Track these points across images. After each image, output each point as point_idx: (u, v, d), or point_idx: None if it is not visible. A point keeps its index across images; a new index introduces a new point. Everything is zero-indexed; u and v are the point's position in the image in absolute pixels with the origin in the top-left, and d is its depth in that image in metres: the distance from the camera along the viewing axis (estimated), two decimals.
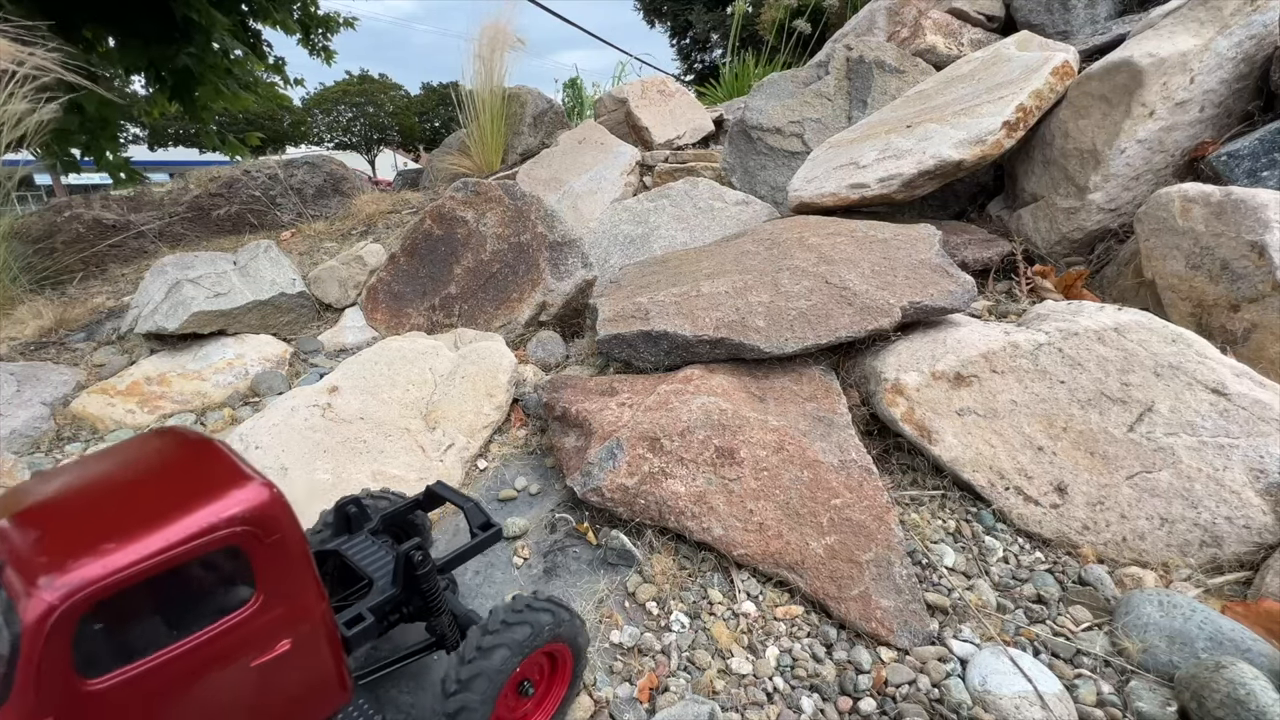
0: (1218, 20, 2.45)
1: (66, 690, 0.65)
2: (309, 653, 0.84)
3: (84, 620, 0.65)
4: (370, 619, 1.03)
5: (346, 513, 1.32)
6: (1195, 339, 1.81)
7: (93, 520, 0.72)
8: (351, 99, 32.95)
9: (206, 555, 0.72)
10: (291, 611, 0.81)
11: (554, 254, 3.27)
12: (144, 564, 0.67)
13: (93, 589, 0.64)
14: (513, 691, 1.11)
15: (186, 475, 0.80)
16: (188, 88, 5.59)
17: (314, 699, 0.89)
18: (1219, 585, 1.49)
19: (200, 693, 0.75)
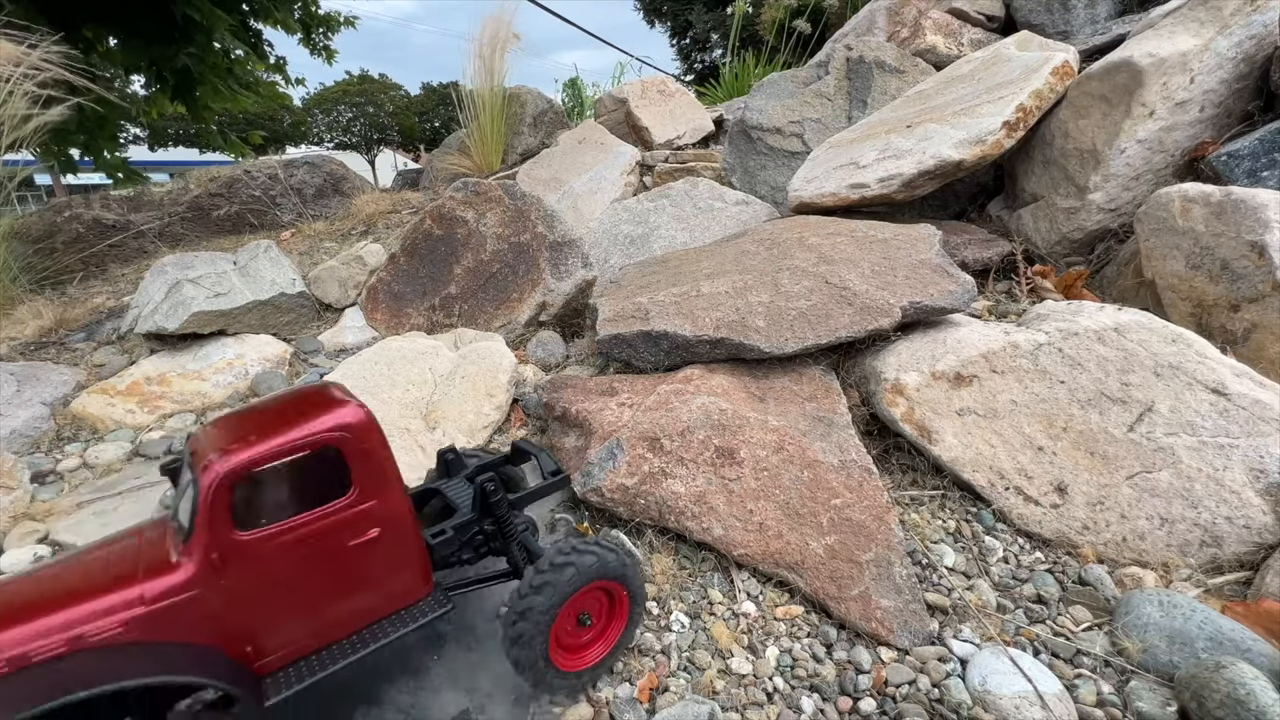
0: (1218, 20, 2.45)
1: (225, 536, 0.96)
2: (394, 543, 1.09)
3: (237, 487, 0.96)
4: (450, 533, 1.26)
5: (445, 459, 1.57)
6: (1195, 339, 1.81)
7: (247, 430, 1.03)
8: (351, 99, 32.94)
9: (316, 451, 1.01)
10: (380, 506, 1.06)
11: (554, 254, 3.28)
12: (273, 451, 0.99)
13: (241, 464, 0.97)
14: (573, 622, 1.26)
15: (309, 403, 1.10)
16: (188, 87, 5.59)
17: (398, 582, 1.12)
18: (1219, 585, 1.49)
19: (312, 556, 1.03)
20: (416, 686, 1.39)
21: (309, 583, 1.03)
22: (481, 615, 1.56)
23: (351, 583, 1.08)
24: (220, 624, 0.98)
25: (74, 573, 1.01)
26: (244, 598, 0.99)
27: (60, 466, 2.63)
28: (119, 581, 0.95)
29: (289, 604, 1.03)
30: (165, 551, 1.00)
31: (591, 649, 1.31)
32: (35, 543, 2.17)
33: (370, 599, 1.11)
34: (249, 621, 1.01)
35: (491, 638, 1.49)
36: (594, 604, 1.28)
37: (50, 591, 0.96)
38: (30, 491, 2.47)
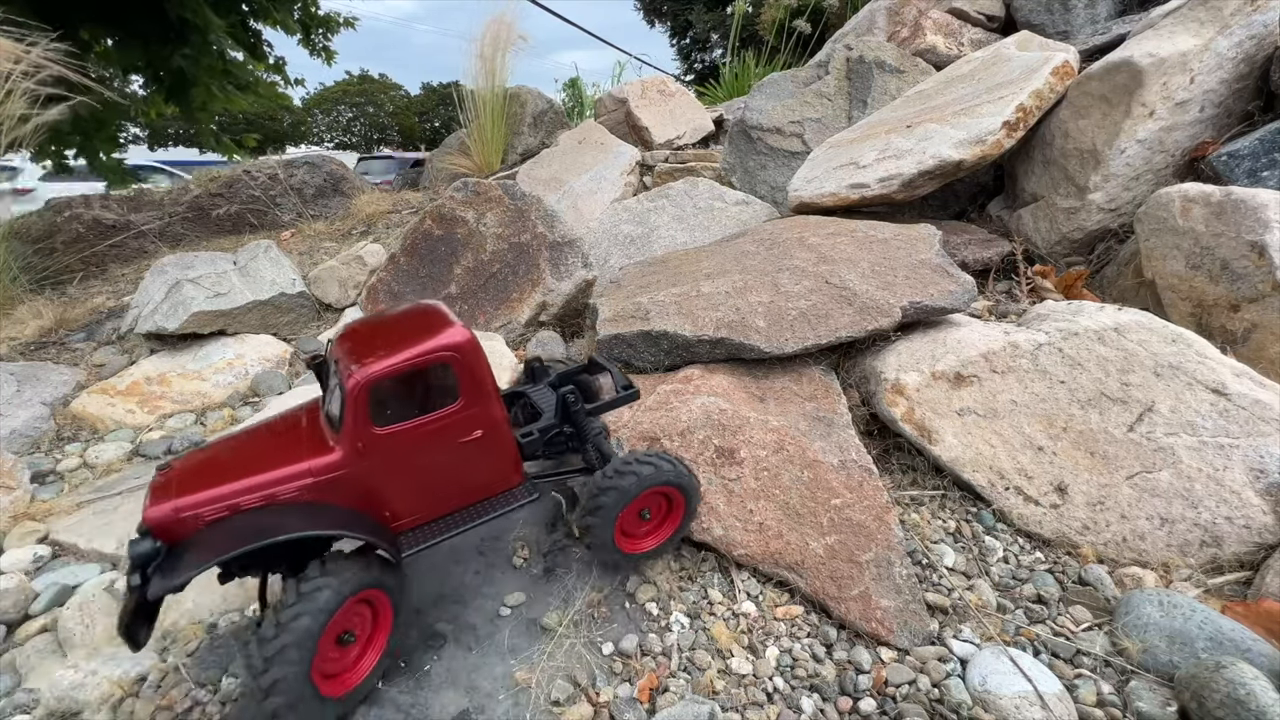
0: (1218, 20, 2.45)
1: (366, 429, 1.21)
2: (493, 442, 1.33)
3: (373, 391, 1.19)
4: (536, 434, 1.51)
5: (532, 368, 1.79)
6: (1195, 339, 1.81)
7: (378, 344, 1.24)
8: (351, 99, 32.95)
9: (430, 366, 1.23)
10: (481, 413, 1.29)
11: (554, 254, 3.28)
12: (399, 365, 1.20)
13: (375, 374, 1.18)
14: (636, 516, 1.51)
15: (426, 323, 1.31)
16: (183, 88, 5.58)
17: (497, 473, 1.38)
18: (1219, 585, 1.49)
19: (431, 450, 1.27)
20: (416, 686, 1.39)
21: (429, 468, 1.29)
22: (482, 615, 1.56)
23: (461, 470, 1.33)
24: (366, 494, 1.25)
25: (261, 445, 1.30)
26: (382, 476, 1.25)
27: (60, 466, 2.63)
28: (293, 457, 1.22)
29: (415, 483, 1.29)
30: (323, 436, 1.27)
31: (650, 538, 1.57)
32: (35, 543, 2.17)
33: (475, 483, 1.37)
34: (387, 494, 1.27)
35: (491, 638, 1.50)
36: (654, 504, 1.52)
37: (247, 459, 1.25)
38: (30, 491, 2.47)
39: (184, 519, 1.14)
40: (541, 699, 1.35)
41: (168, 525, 1.13)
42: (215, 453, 1.32)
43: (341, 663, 1.26)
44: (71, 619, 1.75)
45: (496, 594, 1.62)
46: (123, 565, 1.91)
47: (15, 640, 1.80)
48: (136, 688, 1.50)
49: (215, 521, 1.16)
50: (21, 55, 3.58)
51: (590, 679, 1.39)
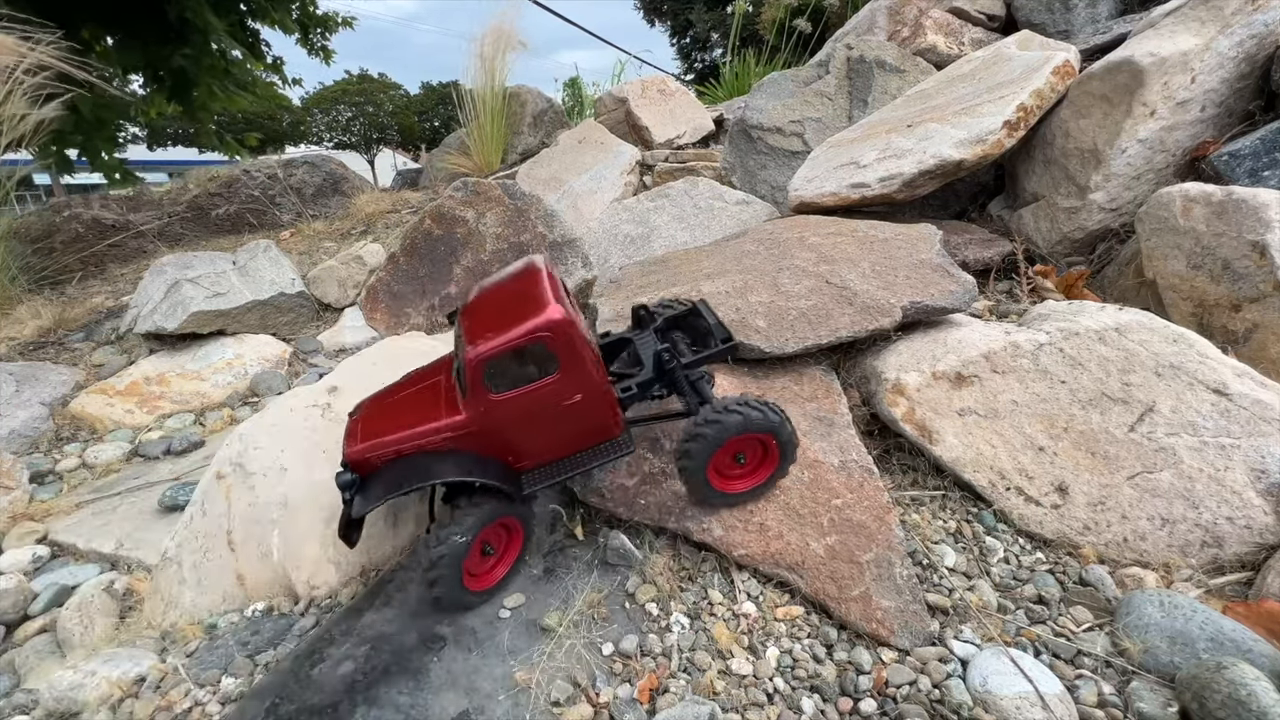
0: (1219, 20, 2.44)
1: (485, 397, 1.42)
2: (593, 404, 1.49)
3: (486, 367, 1.39)
4: (635, 389, 1.64)
5: (638, 314, 1.89)
6: (1196, 339, 1.81)
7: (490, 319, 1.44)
8: (351, 99, 32.89)
9: (530, 345, 1.38)
10: (580, 381, 1.45)
11: (554, 254, 3.27)
12: (504, 345, 1.38)
13: (485, 355, 1.38)
14: (731, 458, 1.59)
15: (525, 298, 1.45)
16: (184, 88, 5.58)
17: (598, 426, 1.54)
18: (1220, 586, 1.49)
19: (539, 411, 1.46)
20: (416, 687, 1.38)
21: (540, 423, 1.49)
22: (481, 616, 1.55)
23: (566, 424, 1.51)
24: (494, 443, 1.50)
25: (413, 401, 1.57)
26: (503, 430, 1.48)
27: (59, 466, 2.62)
28: (435, 414, 1.49)
29: (530, 435, 1.51)
30: (455, 397, 1.51)
31: (745, 480, 1.64)
32: (34, 543, 2.17)
33: (580, 434, 1.55)
34: (509, 443, 1.51)
35: (491, 638, 1.49)
36: (750, 449, 1.59)
37: (404, 413, 1.53)
38: (29, 491, 2.47)
39: (367, 459, 1.48)
40: (541, 699, 1.34)
41: (358, 462, 1.48)
42: (383, 404, 1.63)
43: (483, 568, 1.59)
44: (70, 619, 1.75)
45: (496, 594, 1.62)
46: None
47: (14, 640, 1.80)
48: (136, 688, 1.50)
49: (388, 462, 1.48)
50: (25, 54, 3.57)
51: (590, 679, 1.39)
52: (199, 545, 1.84)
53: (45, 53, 3.67)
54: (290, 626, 1.63)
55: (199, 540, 1.85)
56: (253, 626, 1.64)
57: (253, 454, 1.93)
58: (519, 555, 1.65)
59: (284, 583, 1.74)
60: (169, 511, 2.21)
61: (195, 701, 1.43)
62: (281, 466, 1.89)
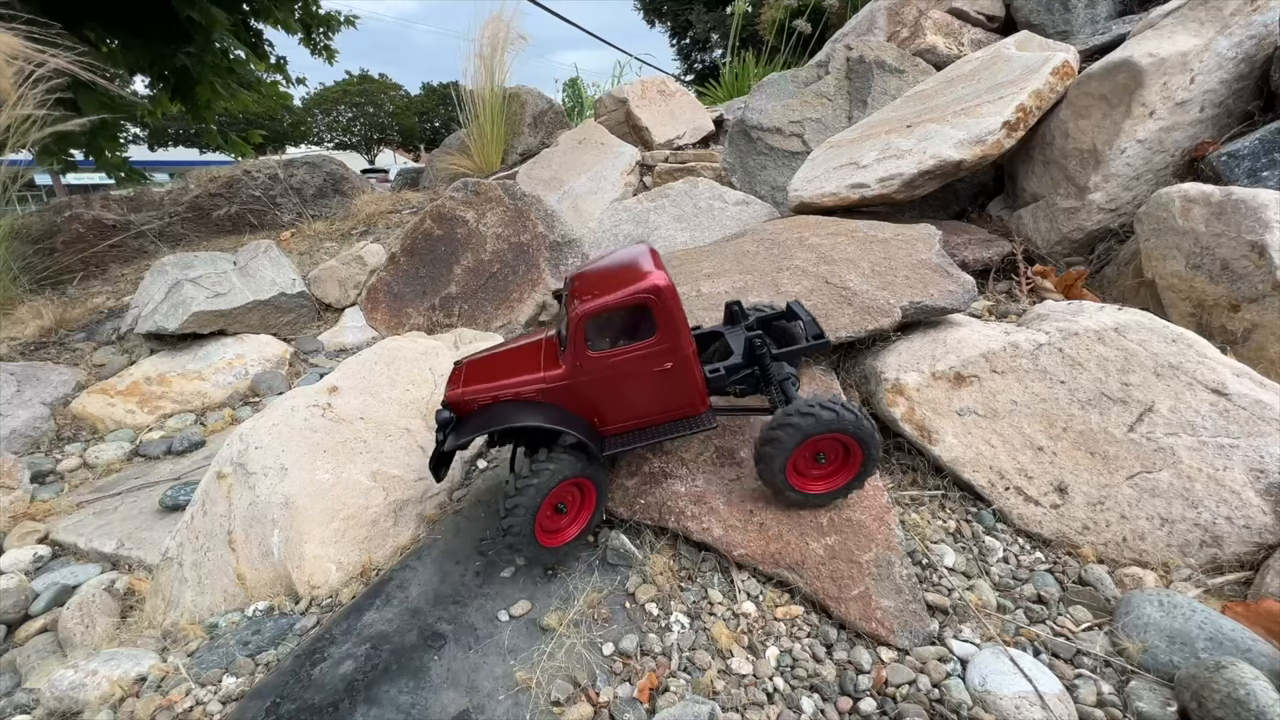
0: (1218, 20, 2.45)
1: (583, 351, 1.50)
2: (682, 374, 1.54)
3: (589, 323, 1.48)
4: (722, 371, 1.68)
5: (731, 310, 1.92)
6: (1195, 339, 1.81)
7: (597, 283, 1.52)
8: (351, 99, 32.93)
9: (632, 306, 1.47)
10: (673, 349, 1.50)
11: (554, 254, 3.27)
12: (608, 303, 1.46)
13: (589, 311, 1.46)
14: (812, 457, 1.60)
15: (633, 268, 1.54)
16: (188, 87, 5.59)
17: (684, 399, 1.59)
18: (1219, 585, 1.49)
19: (631, 375, 1.53)
20: (417, 686, 1.39)
21: (629, 387, 1.55)
22: (482, 615, 1.56)
23: (654, 392, 1.57)
24: (583, 402, 1.56)
25: (516, 358, 1.66)
26: (594, 389, 1.54)
27: (60, 466, 2.63)
28: (534, 368, 1.58)
29: (618, 397, 1.57)
30: (554, 353, 1.60)
31: (821, 482, 1.63)
32: (35, 543, 2.18)
33: (666, 404, 1.60)
34: (597, 403, 1.57)
35: (491, 638, 1.50)
36: (831, 449, 1.59)
37: (505, 367, 1.63)
38: (30, 491, 2.47)
39: (465, 400, 1.58)
40: (541, 699, 1.35)
41: (456, 403, 1.58)
42: (487, 359, 1.72)
43: (556, 525, 1.65)
44: (71, 619, 1.75)
45: (496, 593, 1.62)
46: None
47: (15, 640, 1.80)
48: (137, 687, 1.50)
49: (483, 406, 1.58)
50: (34, 56, 3.58)
51: (590, 679, 1.39)
52: (200, 545, 1.85)
53: (50, 53, 3.68)
54: (291, 626, 1.63)
55: (200, 540, 1.85)
56: (253, 626, 1.64)
57: (253, 454, 1.93)
58: (591, 519, 1.67)
59: (285, 582, 1.75)
60: (170, 511, 2.22)
61: (196, 701, 1.43)
62: (282, 466, 1.89)
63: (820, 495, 1.63)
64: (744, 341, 1.70)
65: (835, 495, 1.63)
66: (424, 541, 1.84)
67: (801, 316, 1.79)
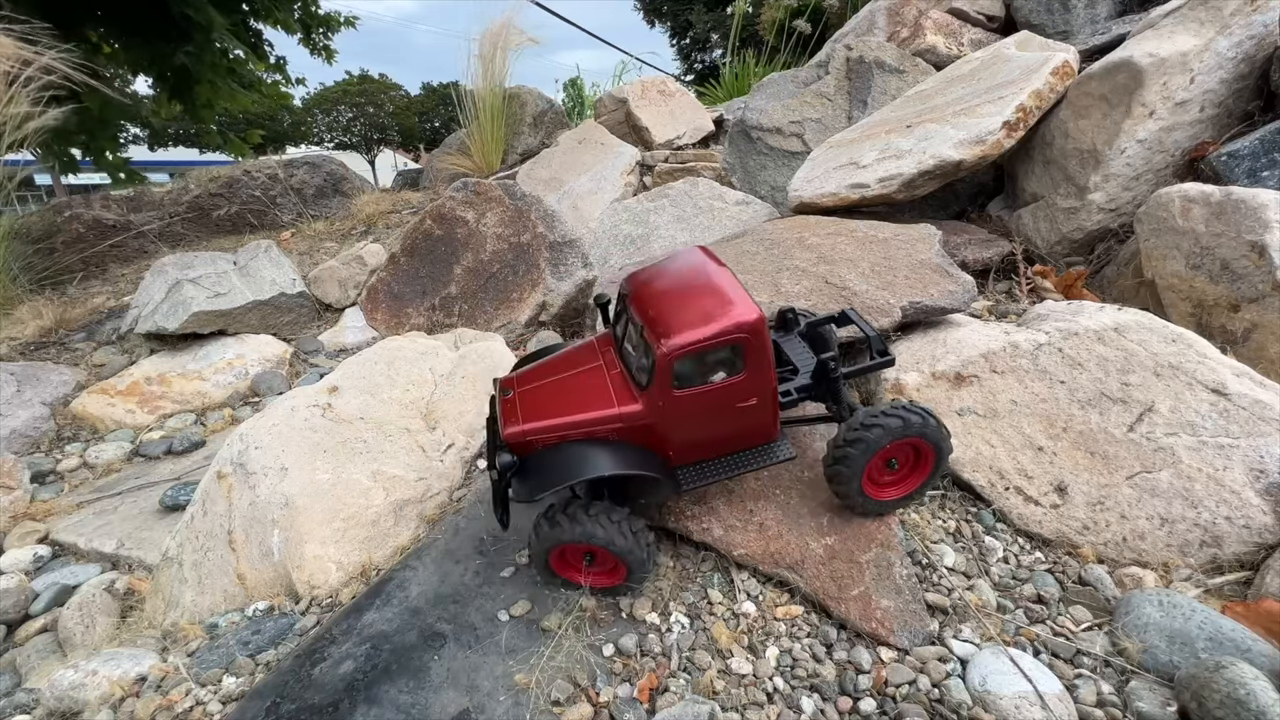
0: (1218, 20, 2.45)
1: (668, 391, 1.38)
2: (763, 408, 1.47)
3: (678, 362, 1.35)
4: (795, 395, 1.63)
5: (785, 316, 1.86)
6: (1195, 339, 1.81)
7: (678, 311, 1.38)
8: (352, 99, 32.90)
9: (730, 341, 1.35)
10: (759, 384, 1.42)
11: (554, 254, 3.28)
12: (703, 342, 1.33)
13: (682, 348, 1.33)
14: (884, 464, 1.57)
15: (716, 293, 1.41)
16: (186, 87, 5.59)
17: (761, 430, 1.53)
18: (1219, 585, 1.49)
19: (716, 410, 1.43)
20: (417, 685, 1.39)
21: (710, 422, 1.47)
22: (482, 615, 1.56)
23: (735, 425, 1.50)
24: (657, 437, 1.46)
25: (577, 384, 1.53)
26: (672, 425, 1.45)
27: (60, 466, 2.63)
28: (606, 401, 1.46)
29: (697, 433, 1.49)
30: (628, 386, 1.47)
31: (895, 488, 1.62)
32: (35, 543, 2.18)
33: (742, 435, 1.54)
34: (674, 439, 1.48)
35: (491, 638, 1.50)
36: (902, 454, 1.58)
37: (569, 396, 1.50)
38: (30, 491, 2.47)
39: (529, 440, 1.45)
40: (541, 699, 1.35)
41: (518, 443, 1.45)
42: (542, 381, 1.58)
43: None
44: (71, 619, 1.75)
45: (496, 594, 1.62)
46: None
47: (15, 640, 1.80)
48: (137, 687, 1.50)
49: (550, 447, 1.45)
50: (30, 57, 3.58)
51: (590, 679, 1.39)
52: (200, 545, 1.85)
53: (48, 55, 3.68)
54: (291, 626, 1.63)
55: (200, 540, 1.85)
56: (253, 626, 1.64)
57: (254, 454, 1.93)
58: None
59: (285, 582, 1.75)
60: (170, 511, 2.22)
61: (196, 701, 1.43)
62: (282, 466, 1.89)
63: (895, 501, 1.60)
64: (815, 364, 1.64)
65: (911, 498, 1.61)
66: (424, 541, 1.84)
67: (864, 329, 1.71)
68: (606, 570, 1.55)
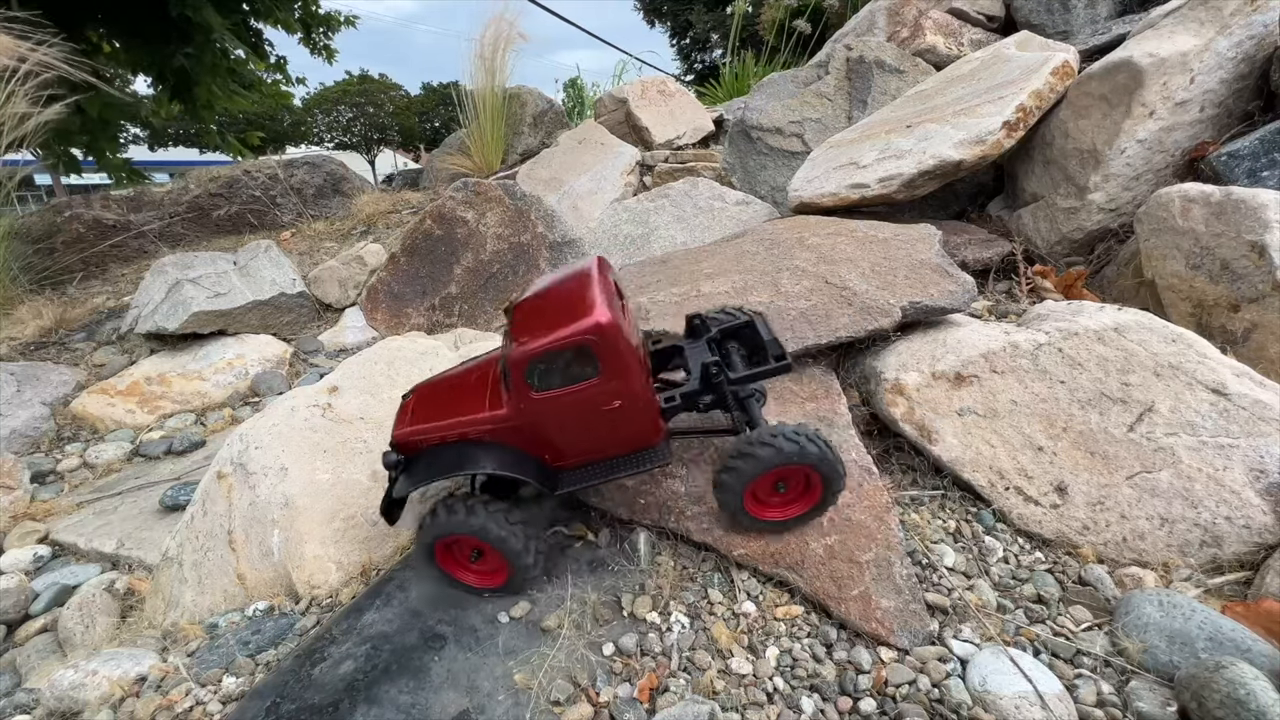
0: (1218, 20, 2.45)
1: (527, 394, 1.42)
2: (633, 410, 1.46)
3: (528, 366, 1.38)
4: (678, 400, 1.61)
5: (692, 323, 1.83)
6: (1195, 339, 1.81)
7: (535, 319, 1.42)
8: (351, 99, 32.89)
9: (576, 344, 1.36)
10: (621, 386, 1.42)
11: (554, 254, 3.27)
12: (545, 347, 1.36)
13: (527, 355, 1.37)
14: (771, 485, 1.54)
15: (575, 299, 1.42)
16: (186, 87, 5.59)
17: (636, 433, 1.52)
18: (1219, 585, 1.49)
19: (581, 413, 1.45)
20: (417, 686, 1.39)
21: (579, 425, 1.49)
22: (482, 616, 1.56)
23: (604, 428, 1.50)
24: (533, 438, 1.50)
25: (462, 390, 1.60)
26: (541, 428, 1.48)
27: (60, 466, 2.63)
28: (480, 405, 1.51)
29: (569, 435, 1.51)
30: (500, 392, 1.51)
31: (778, 510, 1.60)
32: (35, 543, 2.18)
33: (618, 440, 1.54)
34: (548, 439, 1.51)
35: (491, 638, 1.50)
36: (794, 479, 1.55)
37: (452, 401, 1.57)
38: (30, 491, 2.48)
39: (413, 441, 1.53)
40: (541, 699, 1.35)
41: (404, 443, 1.54)
42: (436, 390, 1.67)
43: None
44: (71, 619, 1.75)
45: (498, 600, 1.62)
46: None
47: (15, 640, 1.80)
48: (137, 687, 1.50)
49: (432, 446, 1.53)
50: (28, 55, 3.58)
51: (590, 679, 1.39)
52: (200, 545, 1.85)
53: (48, 54, 3.68)
54: (291, 626, 1.63)
55: (200, 540, 1.85)
56: (254, 626, 1.64)
57: (254, 454, 1.93)
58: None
59: (285, 582, 1.75)
60: (170, 511, 2.22)
61: (196, 700, 1.43)
62: (282, 466, 1.89)
63: (776, 523, 1.58)
64: (700, 366, 1.63)
65: (791, 524, 1.59)
66: None
67: (763, 333, 1.68)
68: (489, 571, 1.60)
